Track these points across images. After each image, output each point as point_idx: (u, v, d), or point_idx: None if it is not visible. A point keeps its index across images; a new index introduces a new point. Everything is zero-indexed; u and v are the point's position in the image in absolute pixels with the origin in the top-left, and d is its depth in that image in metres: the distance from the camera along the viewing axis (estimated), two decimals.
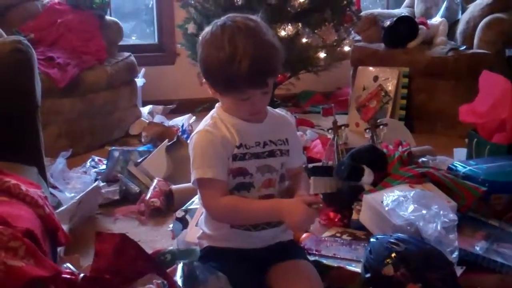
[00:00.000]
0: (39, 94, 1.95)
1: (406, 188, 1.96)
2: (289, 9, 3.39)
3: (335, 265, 1.73)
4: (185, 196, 2.35)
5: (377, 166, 2.19)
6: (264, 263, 1.50)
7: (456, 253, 1.66)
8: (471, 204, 2.00)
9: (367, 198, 1.96)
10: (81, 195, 2.37)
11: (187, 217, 2.12)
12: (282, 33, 3.30)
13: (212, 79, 1.43)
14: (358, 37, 4.28)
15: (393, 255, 1.54)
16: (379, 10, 4.67)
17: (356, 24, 3.89)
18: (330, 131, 2.63)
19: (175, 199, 2.48)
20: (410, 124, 3.63)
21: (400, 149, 2.38)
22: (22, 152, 1.88)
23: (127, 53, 3.87)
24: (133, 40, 4.96)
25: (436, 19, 4.21)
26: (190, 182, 1.48)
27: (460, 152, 2.89)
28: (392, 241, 1.58)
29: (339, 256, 1.78)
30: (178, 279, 1.36)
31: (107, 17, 3.90)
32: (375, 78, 3.90)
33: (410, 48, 3.98)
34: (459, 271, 1.65)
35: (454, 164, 2.31)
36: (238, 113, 1.46)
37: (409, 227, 1.74)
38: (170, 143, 2.88)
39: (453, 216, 1.74)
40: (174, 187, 2.56)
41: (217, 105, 1.52)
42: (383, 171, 2.20)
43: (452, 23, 4.20)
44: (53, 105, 3.17)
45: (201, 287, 1.35)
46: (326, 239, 1.93)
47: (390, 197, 1.88)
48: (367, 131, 2.70)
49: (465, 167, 2.23)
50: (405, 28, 4.01)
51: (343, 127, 2.65)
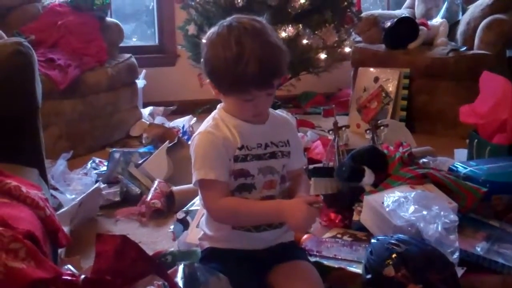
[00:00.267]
0: (39, 96, 1.95)
1: (407, 189, 1.96)
2: (289, 10, 3.39)
3: (336, 266, 1.73)
4: (186, 197, 2.35)
5: (377, 167, 2.19)
6: (265, 264, 1.50)
7: (457, 254, 1.66)
8: (471, 205, 2.00)
9: (368, 199, 1.96)
10: (82, 196, 2.37)
11: (188, 218, 2.12)
12: (283, 34, 3.30)
13: (217, 79, 1.42)
14: (359, 38, 4.28)
15: (394, 256, 1.54)
16: (379, 11, 4.67)
17: (357, 25, 3.89)
18: (330, 132, 2.63)
19: (176, 200, 2.48)
20: (411, 125, 3.62)
21: (401, 150, 2.38)
22: (22, 153, 1.87)
23: (127, 55, 3.87)
24: (133, 41, 4.97)
25: (437, 20, 4.21)
26: (191, 183, 1.47)
27: (461, 153, 2.90)
28: (393, 242, 1.58)
29: (340, 257, 1.78)
30: (179, 280, 1.36)
31: (108, 18, 3.91)
32: (376, 79, 3.90)
33: (410, 49, 3.98)
34: (460, 271, 1.65)
35: (455, 165, 2.31)
36: (240, 114, 1.45)
37: (409, 228, 1.74)
38: (170, 144, 2.87)
39: (453, 217, 1.74)
40: (175, 188, 2.55)
41: (218, 106, 1.52)
42: (383, 172, 2.20)
43: (452, 24, 4.20)
44: (53, 106, 3.17)
45: None
46: (327, 240, 1.92)
47: (390, 198, 1.87)
48: (367, 132, 2.70)
49: (465, 168, 2.23)
50: (406, 29, 4.01)
51: (343, 128, 2.65)
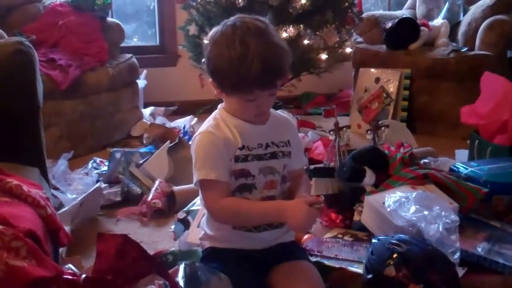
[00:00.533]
0: (41, 96, 1.95)
1: (408, 189, 1.96)
2: (290, 10, 3.39)
3: (337, 266, 1.72)
4: (186, 197, 2.35)
5: (378, 168, 2.19)
6: (265, 264, 1.50)
7: (457, 254, 1.66)
8: (472, 205, 2.00)
9: (369, 199, 1.96)
10: (82, 196, 2.37)
11: (189, 218, 2.13)
12: (284, 34, 3.29)
13: (220, 78, 1.42)
14: (360, 39, 4.28)
15: (394, 256, 1.54)
16: (380, 12, 4.67)
17: (358, 25, 3.89)
18: (331, 132, 2.63)
19: (177, 200, 2.48)
20: (412, 125, 3.62)
21: (402, 150, 2.38)
22: (24, 153, 1.88)
23: (128, 55, 3.87)
24: (134, 41, 4.96)
25: (438, 21, 4.21)
26: (192, 183, 1.47)
27: (462, 154, 2.90)
28: (394, 242, 1.58)
29: (340, 257, 1.78)
30: (180, 280, 1.36)
31: (109, 18, 3.90)
32: (377, 80, 3.90)
33: (411, 50, 3.98)
34: (460, 272, 1.65)
35: (456, 166, 2.31)
36: (242, 114, 1.45)
37: (410, 228, 1.74)
38: (171, 144, 2.87)
39: (454, 217, 1.74)
40: (175, 188, 2.55)
41: (219, 106, 1.52)
42: (384, 172, 2.20)
43: (453, 25, 4.19)
44: (54, 106, 3.17)
45: (203, 287, 1.35)
46: (328, 240, 1.92)
47: (391, 198, 1.87)
48: (368, 132, 2.70)
49: (466, 169, 2.23)
50: (407, 29, 4.01)
51: (344, 129, 2.65)
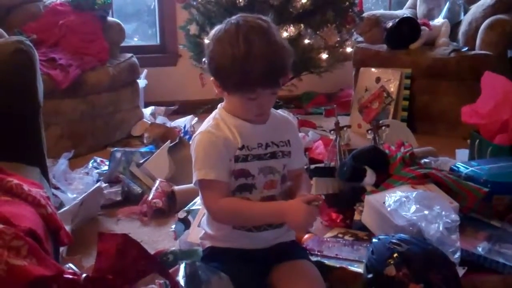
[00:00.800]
0: (41, 95, 1.95)
1: (408, 189, 1.96)
2: (291, 10, 3.39)
3: (337, 265, 1.73)
4: (187, 197, 2.35)
5: (379, 167, 2.19)
6: (266, 263, 1.50)
7: (458, 254, 1.66)
8: (473, 205, 2.00)
9: (369, 199, 1.96)
10: (83, 196, 2.37)
11: (189, 217, 2.12)
12: (284, 34, 3.29)
13: (223, 76, 1.41)
14: (360, 38, 4.28)
15: (395, 255, 1.53)
16: (381, 11, 4.67)
17: (359, 25, 3.88)
18: (332, 132, 2.63)
19: (177, 200, 2.48)
20: (412, 125, 3.62)
21: (402, 150, 2.38)
22: (24, 152, 1.88)
23: (129, 54, 3.87)
24: (135, 41, 4.97)
25: (438, 20, 4.21)
26: (192, 183, 1.48)
27: (462, 153, 2.90)
28: (394, 241, 1.58)
29: (341, 257, 1.78)
30: (181, 279, 1.36)
31: (109, 18, 3.90)
32: (377, 79, 3.90)
33: (412, 49, 3.98)
34: (461, 271, 1.65)
35: (456, 165, 2.31)
36: (243, 113, 1.45)
37: (411, 228, 1.74)
38: (172, 144, 2.88)
39: (455, 217, 1.74)
40: (176, 188, 2.55)
41: (219, 106, 1.51)
42: (385, 172, 2.20)
43: (454, 24, 4.19)
44: (55, 106, 3.18)
45: (203, 287, 1.35)
46: (328, 239, 1.93)
47: (392, 197, 1.87)
48: (369, 132, 2.70)
49: (467, 168, 2.23)
50: (408, 29, 4.01)
51: (345, 128, 2.65)
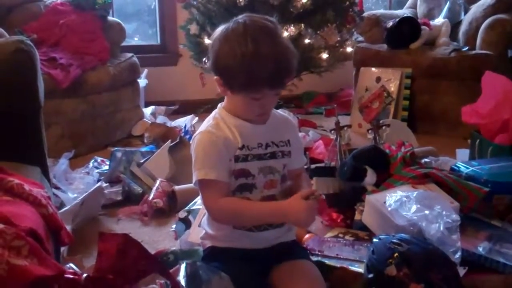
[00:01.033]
0: (42, 95, 1.95)
1: (409, 189, 1.96)
2: (291, 10, 3.39)
3: (338, 265, 1.73)
4: (187, 196, 2.35)
5: (379, 167, 2.18)
6: (267, 263, 1.50)
7: (458, 254, 1.65)
8: (473, 205, 2.00)
9: (370, 199, 1.96)
10: (84, 195, 2.37)
11: (190, 217, 2.12)
12: (285, 34, 3.29)
13: (229, 76, 1.40)
14: (361, 38, 4.28)
15: (395, 255, 1.53)
16: (381, 11, 4.67)
17: (359, 25, 3.88)
18: (332, 131, 2.63)
19: (178, 199, 2.48)
20: (413, 125, 3.62)
21: (403, 149, 2.38)
22: (25, 152, 1.88)
23: (129, 54, 3.87)
24: (135, 41, 4.97)
25: (439, 20, 4.21)
26: (192, 183, 1.48)
27: (463, 153, 2.90)
28: (395, 241, 1.58)
29: (341, 257, 1.78)
30: (181, 279, 1.36)
31: (110, 17, 3.90)
32: (378, 79, 3.90)
33: (412, 49, 3.98)
34: (461, 271, 1.65)
35: (457, 165, 2.31)
36: (244, 113, 1.45)
37: (411, 228, 1.74)
38: (172, 143, 2.88)
39: (455, 217, 1.74)
40: (176, 187, 2.56)
41: (219, 105, 1.51)
42: (385, 171, 2.20)
43: (454, 24, 4.19)
44: (55, 105, 3.18)
45: (204, 287, 1.35)
46: (329, 239, 1.92)
47: (392, 197, 1.87)
48: (369, 131, 2.70)
49: (467, 168, 2.23)
50: (408, 29, 4.01)
51: (345, 128, 2.65)
